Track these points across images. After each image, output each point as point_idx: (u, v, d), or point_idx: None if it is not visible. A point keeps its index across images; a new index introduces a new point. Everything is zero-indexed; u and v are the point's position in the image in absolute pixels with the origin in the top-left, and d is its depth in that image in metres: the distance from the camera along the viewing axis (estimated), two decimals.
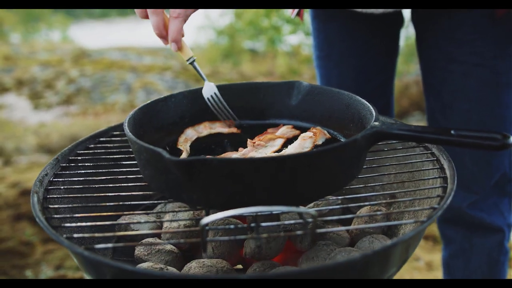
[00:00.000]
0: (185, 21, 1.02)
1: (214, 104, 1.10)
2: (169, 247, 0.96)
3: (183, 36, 1.04)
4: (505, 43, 1.28)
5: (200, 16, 11.74)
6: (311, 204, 1.06)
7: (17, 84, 8.56)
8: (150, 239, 0.97)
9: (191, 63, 1.09)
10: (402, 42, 1.53)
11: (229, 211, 0.68)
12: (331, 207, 0.85)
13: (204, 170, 0.72)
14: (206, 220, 0.67)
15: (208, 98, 1.10)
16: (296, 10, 1.47)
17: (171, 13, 0.99)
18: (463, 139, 0.77)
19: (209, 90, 1.10)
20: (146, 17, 1.01)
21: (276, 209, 0.68)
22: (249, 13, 9.42)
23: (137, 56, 11.12)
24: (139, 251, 0.94)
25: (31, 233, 2.87)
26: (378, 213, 0.83)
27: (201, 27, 12.14)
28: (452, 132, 0.79)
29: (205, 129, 1.08)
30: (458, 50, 1.30)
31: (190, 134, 1.06)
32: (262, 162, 0.72)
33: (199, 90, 1.12)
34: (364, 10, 1.30)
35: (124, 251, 1.00)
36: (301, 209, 0.68)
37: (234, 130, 1.11)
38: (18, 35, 16.00)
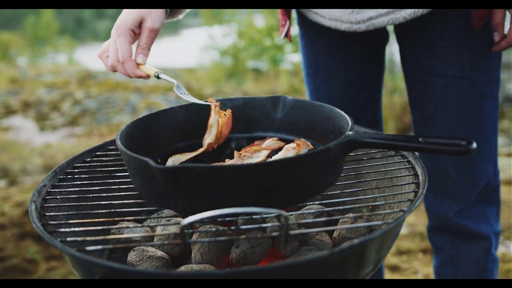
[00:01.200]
0: (134, 59, 1.15)
1: (183, 95, 1.16)
2: (160, 253, 1.01)
3: (141, 64, 1.16)
4: (484, 55, 1.33)
5: (203, 37, 11.93)
6: (298, 212, 1.11)
7: (24, 106, 8.70)
8: (142, 246, 1.02)
9: (158, 77, 1.15)
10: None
11: (206, 212, 0.73)
12: (312, 211, 0.90)
13: (187, 177, 0.78)
14: (185, 221, 0.72)
15: (181, 94, 1.17)
16: (284, 31, 1.55)
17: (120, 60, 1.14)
18: (429, 146, 0.82)
19: (180, 89, 1.17)
20: (115, 71, 1.17)
21: (250, 210, 0.73)
22: (251, 32, 9.57)
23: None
24: (131, 257, 0.99)
25: (34, 251, 2.92)
26: (351, 215, 0.88)
27: (204, 48, 12.32)
28: (420, 139, 0.84)
29: (182, 156, 1.13)
30: (438, 63, 1.36)
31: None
32: (239, 169, 0.78)
33: (190, 106, 1.19)
34: (348, 29, 1.37)
35: (118, 258, 1.05)
36: (273, 210, 0.73)
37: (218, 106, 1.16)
38: (25, 58, 16.28)
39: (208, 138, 1.14)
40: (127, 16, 1.14)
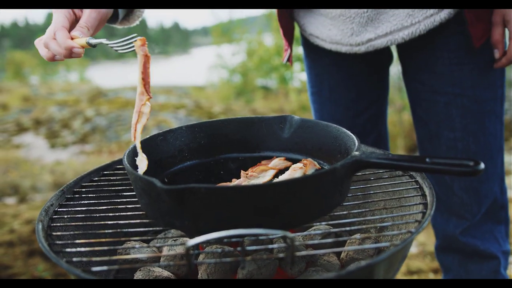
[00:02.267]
0: (67, 31, 1.03)
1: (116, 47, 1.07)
2: (166, 273, 1.01)
3: (75, 38, 1.03)
4: (485, 72, 1.34)
5: (213, 56, 12.05)
6: (305, 232, 1.11)
7: (35, 124, 8.81)
8: (148, 267, 1.02)
9: (91, 45, 1.04)
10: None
11: (211, 234, 0.73)
12: (319, 232, 0.89)
13: (193, 198, 0.78)
14: (191, 242, 0.72)
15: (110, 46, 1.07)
16: (286, 56, 1.57)
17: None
18: (436, 166, 0.81)
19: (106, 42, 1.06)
20: (52, 56, 1.05)
21: (256, 232, 0.73)
22: (260, 51, 9.65)
23: (151, 95, 11.38)
24: (137, 277, 0.99)
25: (43, 269, 2.92)
26: (358, 236, 0.87)
27: (214, 66, 12.44)
28: (427, 160, 0.84)
29: None
30: (440, 82, 1.36)
31: None
32: (246, 190, 0.78)
33: (196, 125, 1.20)
34: (348, 51, 1.39)
35: (125, 278, 1.05)
36: (278, 231, 0.73)
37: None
38: (37, 77, 16.52)
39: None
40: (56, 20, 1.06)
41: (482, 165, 0.81)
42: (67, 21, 1.05)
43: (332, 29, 1.38)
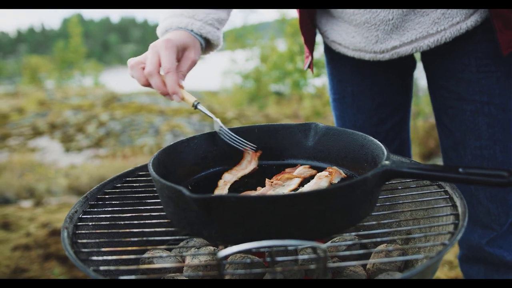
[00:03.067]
0: (178, 74, 1.14)
1: (225, 136, 1.17)
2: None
3: (182, 87, 1.14)
4: None
5: (226, 61, 12.08)
6: (328, 242, 1.09)
7: (50, 127, 8.89)
8: (172, 274, 1.01)
9: (196, 107, 1.15)
10: (426, 82, 1.57)
11: (244, 244, 0.72)
12: (346, 243, 0.87)
13: (222, 207, 0.77)
14: (222, 253, 0.71)
15: (218, 131, 1.17)
16: (307, 63, 1.56)
17: (163, 71, 1.12)
18: (470, 177, 0.79)
19: (217, 126, 1.18)
20: (148, 83, 1.14)
21: (288, 243, 0.71)
22: (274, 57, 9.65)
23: (165, 100, 11.45)
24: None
25: (59, 273, 2.93)
26: (390, 248, 0.85)
27: (227, 71, 12.47)
28: (460, 170, 0.82)
29: (237, 172, 1.14)
30: (467, 89, 1.34)
31: (228, 178, 1.12)
32: (275, 200, 0.76)
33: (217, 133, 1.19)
34: (372, 58, 1.37)
35: None
36: (312, 243, 0.71)
37: (254, 168, 1.16)
38: (52, 81, 16.71)
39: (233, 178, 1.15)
40: (175, 36, 1.16)
41: None
42: (176, 63, 1.14)
43: (356, 36, 1.37)
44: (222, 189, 1.07)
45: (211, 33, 1.24)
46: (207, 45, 1.29)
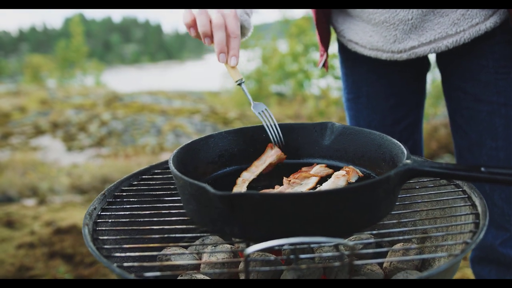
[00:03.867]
0: (240, 42, 1.15)
1: (265, 119, 1.18)
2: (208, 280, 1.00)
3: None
4: None
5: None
6: (345, 240, 1.09)
7: (52, 126, 8.89)
8: (190, 272, 1.01)
9: (240, 84, 1.17)
10: (428, 85, 1.58)
11: (272, 241, 0.72)
12: (365, 241, 0.88)
13: (246, 204, 0.77)
14: (250, 249, 0.71)
15: (259, 113, 1.18)
16: (322, 62, 1.56)
17: (230, 34, 1.12)
18: (493, 176, 0.80)
19: (259, 107, 1.20)
20: (210, 34, 1.13)
21: (316, 240, 0.71)
22: (277, 58, 9.66)
23: (167, 100, 11.47)
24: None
25: (64, 271, 2.93)
26: (412, 246, 0.85)
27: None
28: (482, 169, 0.82)
29: (257, 168, 1.14)
30: (484, 90, 1.34)
31: (247, 176, 1.12)
32: (299, 197, 0.76)
33: (237, 131, 1.19)
34: (389, 58, 1.38)
35: None
36: (340, 240, 0.72)
37: (280, 154, 1.16)
38: (54, 81, 16.72)
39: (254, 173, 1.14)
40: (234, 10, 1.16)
41: None
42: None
43: (374, 36, 1.37)
44: (240, 187, 1.07)
45: (247, 21, 1.26)
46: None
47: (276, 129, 1.18)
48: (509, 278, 1.47)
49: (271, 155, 1.18)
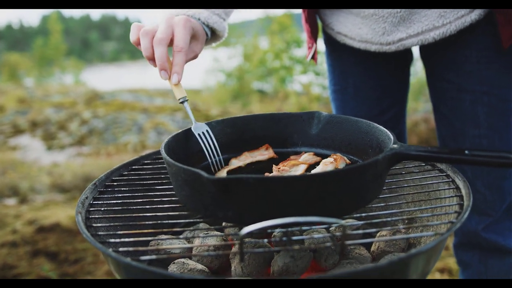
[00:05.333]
0: (186, 57, 1.10)
1: (204, 141, 1.13)
2: (200, 266, 1.01)
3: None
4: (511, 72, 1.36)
5: (209, 60, 12.07)
6: (333, 228, 1.12)
7: (32, 125, 8.75)
8: (182, 259, 1.02)
9: (182, 103, 1.13)
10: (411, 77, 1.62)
11: (266, 221, 0.74)
12: (352, 223, 0.90)
13: (240, 188, 0.79)
14: (245, 230, 0.73)
15: (199, 134, 1.13)
16: (311, 54, 1.58)
17: (174, 48, 1.07)
18: (477, 158, 0.83)
19: (200, 127, 1.14)
20: (151, 54, 1.08)
21: (309, 220, 0.74)
22: (258, 55, 9.68)
23: (148, 98, 11.39)
24: (171, 270, 0.99)
25: (48, 269, 2.91)
26: (400, 227, 0.88)
27: (210, 70, 12.45)
28: (466, 152, 0.85)
29: (246, 158, 1.16)
30: (467, 80, 1.38)
31: (234, 163, 1.14)
32: (293, 180, 0.79)
33: (225, 121, 1.21)
34: (378, 49, 1.41)
35: None
36: (332, 219, 0.74)
37: (272, 155, 1.18)
38: (32, 79, 16.45)
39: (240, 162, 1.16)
40: (192, 20, 1.12)
41: None
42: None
43: (363, 28, 1.39)
44: (221, 172, 1.09)
45: (218, 24, 1.22)
46: (212, 36, 1.28)
47: (217, 151, 1.14)
48: (491, 263, 1.52)
49: (263, 154, 1.20)
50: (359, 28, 1.41)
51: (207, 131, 1.14)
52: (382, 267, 0.70)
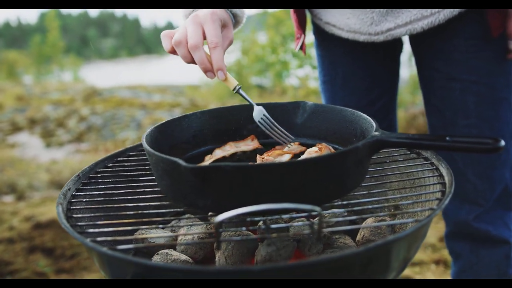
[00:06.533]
0: (223, 50, 1.08)
1: (266, 126, 1.15)
2: (184, 257, 1.01)
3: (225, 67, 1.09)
4: (501, 60, 1.35)
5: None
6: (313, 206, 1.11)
7: (30, 123, 8.75)
8: (165, 250, 1.02)
9: (237, 91, 1.12)
10: (407, 73, 1.60)
11: (241, 208, 0.73)
12: (335, 211, 0.90)
13: (218, 176, 0.79)
14: (221, 217, 0.72)
15: (259, 121, 1.14)
16: (299, 44, 1.57)
17: (209, 45, 1.05)
18: (457, 144, 0.83)
19: (258, 113, 1.15)
20: (192, 59, 1.07)
21: (283, 206, 0.73)
22: (256, 49, 9.65)
23: (147, 94, 11.38)
24: (155, 260, 0.99)
25: (44, 264, 2.91)
26: (381, 214, 0.88)
27: None
28: (447, 138, 0.85)
29: (231, 148, 1.15)
30: (456, 69, 1.37)
31: (218, 153, 1.13)
32: (271, 167, 0.78)
33: (211, 111, 1.20)
34: (366, 40, 1.40)
35: None
36: (307, 206, 0.73)
37: (257, 145, 1.17)
38: (30, 76, 16.44)
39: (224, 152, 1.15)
40: (217, 11, 1.09)
41: (503, 142, 0.82)
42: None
43: (351, 18, 1.38)
44: (204, 162, 1.09)
45: (240, 9, 1.20)
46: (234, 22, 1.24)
47: (280, 131, 1.15)
48: (482, 253, 1.52)
49: (248, 145, 1.19)
50: (347, 18, 1.40)
51: (265, 115, 1.14)
52: (359, 253, 0.70)
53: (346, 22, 1.41)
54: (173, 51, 1.10)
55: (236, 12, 1.19)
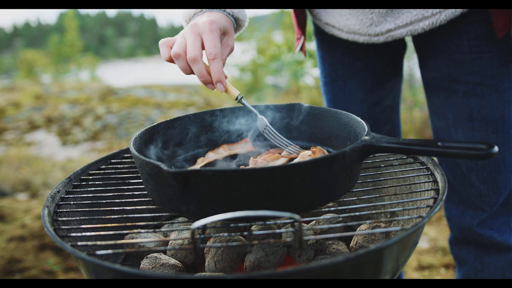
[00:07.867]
0: (223, 62, 1.06)
1: (270, 136, 1.13)
2: (173, 261, 1.00)
3: (226, 77, 1.07)
4: (505, 62, 1.30)
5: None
6: (313, 222, 1.09)
7: (47, 121, 8.87)
8: (155, 254, 1.01)
9: (240, 101, 1.10)
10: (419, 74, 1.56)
11: (218, 215, 0.72)
12: (325, 217, 0.88)
13: (199, 181, 0.77)
14: (196, 224, 0.71)
15: (263, 131, 1.13)
16: (299, 46, 1.54)
17: (208, 56, 1.03)
18: (448, 150, 0.79)
19: (262, 124, 1.13)
20: (191, 71, 1.05)
21: (262, 213, 0.71)
22: (272, 48, 9.63)
23: (162, 93, 11.44)
24: (144, 264, 0.98)
25: (53, 263, 2.94)
26: (368, 222, 0.85)
27: (224, 65, 12.42)
28: (439, 143, 0.82)
29: (224, 151, 1.14)
30: (459, 70, 1.33)
31: (211, 156, 1.12)
32: (252, 172, 0.76)
33: (204, 113, 1.19)
34: (366, 41, 1.36)
35: (131, 265, 1.04)
36: (285, 213, 0.71)
37: (251, 148, 1.16)
38: (49, 76, 16.67)
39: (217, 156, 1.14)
40: (216, 18, 1.08)
41: (496, 148, 0.78)
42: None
43: (351, 19, 1.35)
44: (198, 165, 1.07)
45: (241, 12, 1.18)
46: (236, 26, 1.22)
47: (284, 141, 1.13)
48: (487, 259, 1.47)
49: (242, 147, 1.17)
50: (346, 19, 1.37)
51: (267, 126, 1.13)
52: (345, 262, 0.67)
53: (346, 23, 1.38)
54: (171, 60, 1.08)
55: (237, 16, 1.17)
